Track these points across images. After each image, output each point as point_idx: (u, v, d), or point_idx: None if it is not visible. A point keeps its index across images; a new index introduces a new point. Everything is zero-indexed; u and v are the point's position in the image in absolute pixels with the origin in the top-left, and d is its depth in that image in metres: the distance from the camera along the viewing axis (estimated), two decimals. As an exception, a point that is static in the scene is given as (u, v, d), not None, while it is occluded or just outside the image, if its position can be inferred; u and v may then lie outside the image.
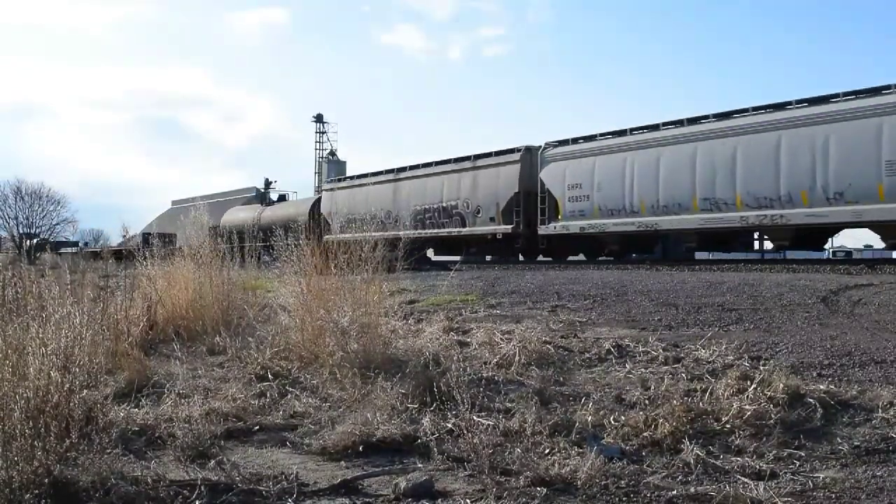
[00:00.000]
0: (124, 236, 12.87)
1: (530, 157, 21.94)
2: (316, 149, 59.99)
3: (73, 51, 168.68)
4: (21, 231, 50.46)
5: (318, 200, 31.33)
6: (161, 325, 8.33)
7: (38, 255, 36.64)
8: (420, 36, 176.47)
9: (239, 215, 35.87)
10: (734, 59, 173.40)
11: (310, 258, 7.17)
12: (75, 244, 49.38)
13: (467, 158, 24.00)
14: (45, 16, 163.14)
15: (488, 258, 24.27)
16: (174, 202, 54.07)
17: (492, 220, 22.72)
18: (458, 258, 23.93)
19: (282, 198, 41.49)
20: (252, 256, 11.62)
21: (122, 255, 12.18)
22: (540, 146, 21.73)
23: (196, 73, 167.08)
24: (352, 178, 29.89)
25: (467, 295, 10.87)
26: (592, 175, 19.68)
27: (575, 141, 20.78)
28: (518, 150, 22.37)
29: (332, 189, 30.64)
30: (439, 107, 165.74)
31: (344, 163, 56.94)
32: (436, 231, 24.73)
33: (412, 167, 26.47)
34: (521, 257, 22.88)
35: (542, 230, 21.24)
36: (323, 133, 59.99)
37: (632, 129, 19.28)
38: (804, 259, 16.77)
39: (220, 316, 8.32)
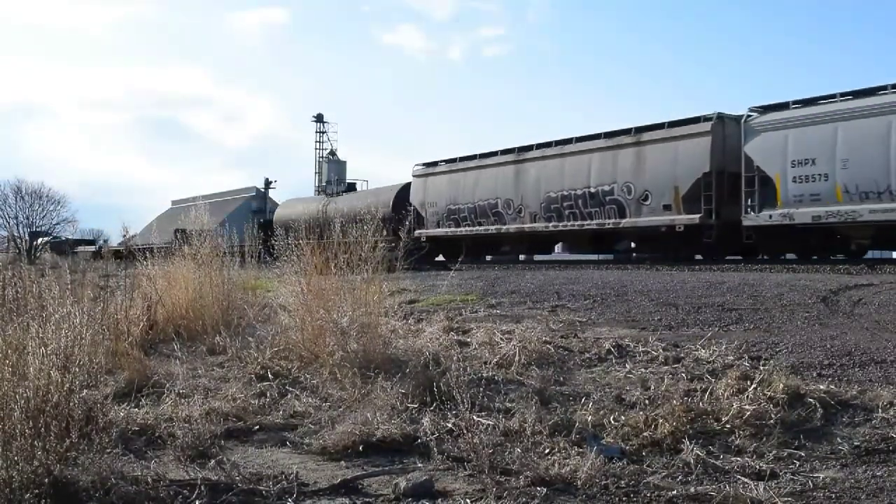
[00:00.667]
0: (125, 236, 12.89)
1: (723, 128, 17.24)
2: (316, 149, 59.83)
3: (73, 51, 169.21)
4: (25, 230, 50.43)
5: (405, 188, 26.68)
6: (161, 325, 8.34)
7: (38, 255, 36.60)
8: (420, 36, 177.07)
9: (297, 208, 32.49)
10: (734, 59, 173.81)
11: (309, 257, 7.17)
12: (93, 242, 48.32)
13: (626, 132, 19.08)
14: (45, 16, 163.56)
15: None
16: (174, 202, 53.99)
17: (666, 208, 17.80)
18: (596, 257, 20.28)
19: (351, 187, 37.10)
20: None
21: (129, 254, 12.06)
22: (739, 114, 17.12)
23: (196, 73, 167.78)
24: (451, 161, 24.70)
25: (467, 295, 10.87)
26: (833, 146, 15.12)
27: (796, 104, 16.25)
28: (707, 118, 17.49)
29: (424, 175, 25.51)
30: (439, 107, 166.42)
31: (344, 163, 56.77)
32: (580, 223, 19.84)
33: (541, 145, 21.28)
34: (693, 256, 17.87)
35: (749, 220, 16.40)
36: (323, 133, 59.88)
37: (893, 85, 14.81)
38: (804, 259, 16.67)
39: (220, 316, 8.32)
